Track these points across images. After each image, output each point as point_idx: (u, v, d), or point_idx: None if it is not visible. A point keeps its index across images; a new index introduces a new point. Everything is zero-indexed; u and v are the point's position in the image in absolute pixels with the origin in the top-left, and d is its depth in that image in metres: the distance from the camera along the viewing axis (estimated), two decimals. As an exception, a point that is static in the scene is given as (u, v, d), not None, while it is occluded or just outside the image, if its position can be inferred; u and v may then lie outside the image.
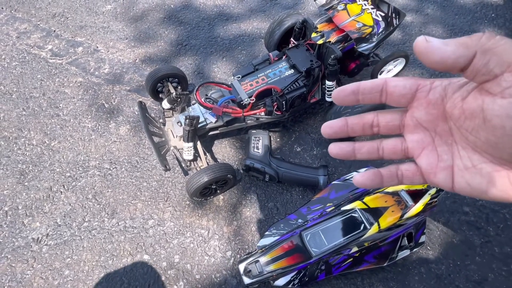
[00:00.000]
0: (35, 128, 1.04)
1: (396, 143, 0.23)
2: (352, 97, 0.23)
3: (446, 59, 0.17)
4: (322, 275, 0.71)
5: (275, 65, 0.93)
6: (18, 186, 0.93)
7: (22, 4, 1.41)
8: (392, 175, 0.24)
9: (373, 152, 0.24)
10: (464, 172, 0.20)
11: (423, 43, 0.18)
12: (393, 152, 0.24)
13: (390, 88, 0.21)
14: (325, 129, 0.24)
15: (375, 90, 0.22)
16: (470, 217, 0.85)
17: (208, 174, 0.78)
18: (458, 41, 0.17)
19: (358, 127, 0.24)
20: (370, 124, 0.24)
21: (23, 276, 0.79)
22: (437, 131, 0.21)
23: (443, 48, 0.18)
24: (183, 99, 0.91)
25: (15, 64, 1.21)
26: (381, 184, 0.24)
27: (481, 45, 0.17)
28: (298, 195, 0.90)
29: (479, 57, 0.17)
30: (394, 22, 0.86)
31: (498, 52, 0.16)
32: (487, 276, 0.77)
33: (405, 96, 0.21)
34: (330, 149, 0.25)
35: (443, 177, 0.21)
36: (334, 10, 0.90)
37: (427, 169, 0.22)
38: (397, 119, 0.23)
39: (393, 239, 0.71)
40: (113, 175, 0.95)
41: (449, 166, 0.21)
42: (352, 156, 0.24)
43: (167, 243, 0.83)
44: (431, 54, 0.18)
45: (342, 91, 0.23)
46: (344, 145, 0.24)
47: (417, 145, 0.22)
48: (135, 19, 1.36)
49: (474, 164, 0.19)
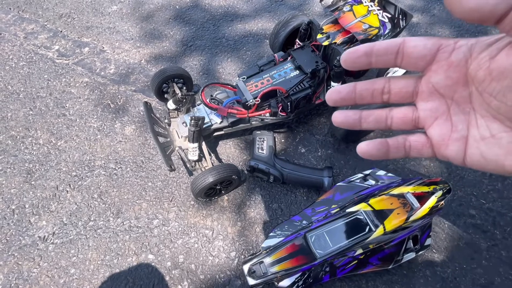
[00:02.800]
0: (41, 128, 1.05)
1: (406, 112, 0.22)
2: (364, 59, 0.21)
3: (483, 5, 0.15)
4: (326, 277, 0.70)
5: (280, 66, 0.93)
6: (25, 185, 0.94)
7: (29, 4, 1.43)
8: (399, 146, 0.22)
9: (381, 121, 0.22)
10: (480, 143, 0.18)
11: None
12: (403, 122, 0.22)
13: (409, 49, 0.19)
14: (332, 94, 0.22)
15: (390, 51, 0.20)
16: (476, 220, 0.85)
17: (213, 174, 0.78)
18: None
19: (367, 93, 0.22)
20: (381, 90, 0.22)
21: (30, 274, 0.80)
22: (454, 98, 0.20)
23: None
24: (188, 99, 0.91)
25: (23, 64, 1.22)
26: (387, 155, 0.22)
27: None
28: (302, 197, 0.90)
29: None
30: (401, 24, 0.86)
31: None
32: (493, 280, 0.77)
33: (424, 57, 0.19)
34: (335, 117, 0.23)
35: (455, 149, 0.20)
36: (340, 11, 0.90)
37: (439, 140, 0.20)
38: (410, 85, 0.21)
39: (398, 242, 0.70)
40: (119, 174, 0.95)
41: (463, 136, 0.19)
42: (358, 125, 0.23)
43: (171, 243, 0.84)
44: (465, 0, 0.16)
45: (354, 52, 0.21)
46: (350, 113, 0.23)
47: (430, 114, 0.21)
48: (141, 19, 1.37)
49: (492, 134, 0.18)
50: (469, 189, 0.90)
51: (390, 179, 0.80)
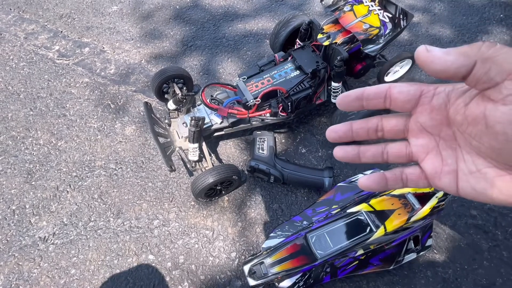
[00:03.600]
0: (42, 128, 1.05)
1: (400, 147, 0.23)
2: (356, 103, 0.23)
3: (447, 68, 0.18)
4: (327, 278, 0.70)
5: (281, 66, 0.93)
6: (26, 185, 0.94)
7: (29, 5, 1.43)
8: (397, 179, 0.24)
9: (378, 156, 0.24)
10: (468, 176, 0.20)
11: (424, 52, 0.18)
12: (398, 156, 0.24)
13: (394, 94, 0.22)
14: (330, 133, 0.25)
15: (379, 96, 0.22)
16: (477, 220, 0.84)
17: (213, 175, 0.78)
18: (458, 50, 0.18)
19: (362, 131, 0.24)
20: (375, 128, 0.24)
21: (30, 274, 0.80)
22: (441, 136, 0.21)
23: (444, 57, 0.18)
24: (188, 100, 0.91)
25: (23, 64, 1.22)
26: (386, 187, 0.24)
27: (481, 54, 0.17)
28: (303, 197, 0.90)
29: (480, 66, 0.17)
30: (402, 23, 0.85)
31: (498, 61, 0.16)
32: (495, 280, 0.76)
33: (409, 101, 0.21)
34: (335, 153, 0.25)
35: (448, 181, 0.21)
36: (340, 11, 0.89)
37: (432, 173, 0.22)
38: (401, 124, 0.23)
39: (399, 242, 0.70)
40: (119, 175, 0.95)
41: (454, 170, 0.21)
42: (357, 159, 0.25)
43: (172, 244, 0.84)
44: (433, 63, 0.18)
45: (346, 96, 0.23)
46: (349, 149, 0.25)
47: (421, 149, 0.22)
48: (141, 20, 1.37)
49: (478, 169, 0.19)
50: (470, 190, 0.89)
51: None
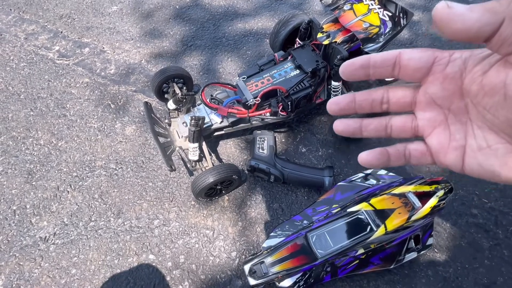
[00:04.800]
0: (42, 128, 1.05)
1: (406, 121, 0.22)
2: (362, 72, 0.21)
3: (470, 27, 0.16)
4: (327, 277, 0.70)
5: (281, 65, 0.93)
6: (26, 185, 0.94)
7: (30, 5, 1.43)
8: (399, 154, 0.23)
9: (381, 129, 0.23)
10: (477, 153, 0.19)
11: (444, 9, 0.16)
12: (402, 130, 0.22)
13: (404, 61, 0.20)
14: (331, 105, 0.23)
15: (387, 64, 0.20)
16: (478, 219, 0.84)
17: (214, 174, 0.78)
18: (484, 6, 0.15)
19: (366, 103, 0.23)
20: (380, 100, 0.22)
21: (31, 274, 0.80)
22: (451, 109, 0.20)
23: (467, 14, 0.16)
24: (188, 99, 0.91)
25: (23, 65, 1.22)
26: (387, 163, 0.23)
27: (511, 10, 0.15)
28: (303, 196, 0.90)
29: (508, 24, 0.15)
30: (402, 22, 0.85)
31: None
32: (496, 279, 0.76)
33: (420, 70, 0.20)
34: (335, 126, 0.24)
35: (454, 158, 0.20)
36: (340, 10, 0.89)
37: (437, 149, 0.21)
38: (408, 95, 0.22)
39: (400, 241, 0.70)
40: (119, 175, 0.95)
41: (461, 146, 0.20)
42: (359, 133, 0.23)
43: (172, 243, 0.84)
44: (453, 21, 0.16)
45: (351, 65, 0.21)
46: (350, 122, 0.23)
47: (428, 123, 0.21)
48: (141, 20, 1.37)
49: (489, 145, 0.18)
50: (471, 188, 0.89)
51: (391, 178, 0.80)
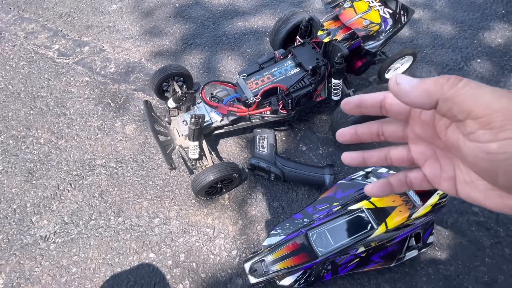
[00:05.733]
0: (42, 127, 1.05)
1: (402, 153, 0.24)
2: (357, 110, 0.24)
3: (413, 102, 0.19)
4: (328, 275, 0.70)
5: (281, 63, 0.93)
6: (26, 184, 0.94)
7: (29, 4, 1.43)
8: (401, 183, 0.25)
9: (382, 160, 0.25)
10: (464, 185, 0.21)
11: (393, 85, 0.19)
12: (401, 161, 0.25)
13: (387, 106, 0.22)
14: (338, 137, 0.26)
15: (375, 105, 0.23)
16: (479, 217, 0.84)
17: (214, 173, 0.78)
18: (423, 86, 0.18)
19: (366, 135, 0.25)
20: (376, 133, 0.25)
21: (31, 273, 0.80)
22: (436, 145, 0.22)
23: (410, 93, 0.19)
24: (188, 98, 0.91)
25: (23, 64, 1.22)
26: (392, 192, 0.25)
27: (442, 94, 0.17)
28: (303, 195, 0.90)
29: (442, 104, 0.18)
30: (402, 19, 0.85)
31: (458, 102, 0.17)
32: (497, 277, 0.76)
33: (401, 113, 0.22)
34: (343, 159, 0.27)
35: (448, 186, 0.22)
36: (340, 8, 0.89)
37: (431, 178, 0.23)
38: (399, 130, 0.24)
39: (400, 239, 0.70)
40: (119, 173, 0.95)
41: (452, 177, 0.21)
42: (363, 164, 0.26)
43: (172, 242, 0.84)
44: (401, 96, 0.19)
45: (347, 104, 0.24)
46: (354, 155, 0.26)
47: (420, 156, 0.23)
48: (140, 18, 1.37)
49: (472, 180, 0.20)
50: (472, 186, 0.89)
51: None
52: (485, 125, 0.16)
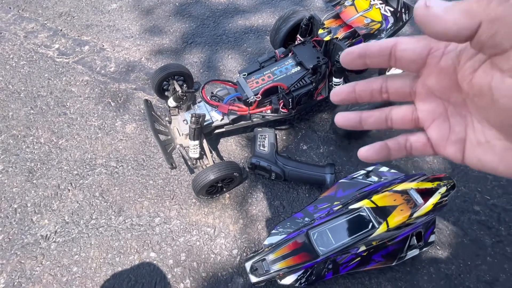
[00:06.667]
0: (43, 127, 1.05)
1: (406, 112, 0.22)
2: (360, 61, 0.21)
3: (447, 29, 0.15)
4: (329, 274, 0.70)
5: (281, 62, 0.92)
6: (27, 184, 0.94)
7: (29, 3, 1.42)
8: (400, 147, 0.22)
9: (381, 122, 0.23)
10: (476, 147, 0.18)
11: (422, 9, 0.15)
12: (403, 122, 0.22)
13: (399, 52, 0.19)
14: (333, 96, 0.23)
15: (383, 53, 0.20)
16: (481, 216, 0.84)
17: (214, 172, 0.78)
18: (462, 7, 0.15)
19: (366, 93, 0.22)
20: (379, 89, 0.22)
21: (32, 272, 0.80)
22: (450, 101, 0.19)
23: (444, 16, 0.15)
24: (188, 97, 0.91)
25: (23, 63, 1.22)
26: (388, 157, 0.23)
27: (488, 13, 0.14)
28: (304, 194, 0.90)
29: (485, 27, 0.14)
30: (404, 17, 0.84)
31: (508, 22, 0.13)
32: (498, 276, 0.76)
33: (415, 61, 0.19)
34: (336, 119, 0.24)
35: (454, 151, 0.20)
36: (341, 6, 0.88)
37: (437, 141, 0.20)
38: (407, 86, 0.21)
39: (402, 238, 0.70)
40: (120, 173, 0.95)
41: (461, 139, 0.19)
42: (359, 126, 0.23)
43: (173, 241, 0.84)
44: (431, 23, 0.15)
45: (350, 53, 0.21)
46: (351, 115, 0.23)
47: (428, 115, 0.21)
48: (140, 17, 1.36)
49: (487, 140, 0.17)
50: (473, 185, 0.89)
51: (393, 175, 0.80)
52: None
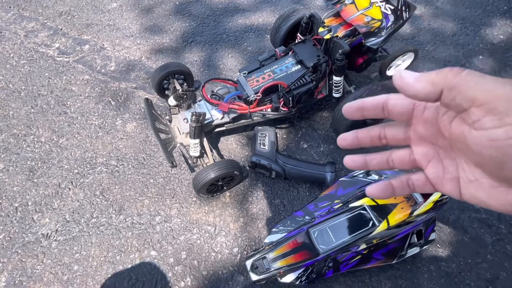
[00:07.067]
0: (43, 126, 1.05)
1: (404, 155, 0.24)
2: (358, 113, 0.24)
3: (418, 94, 0.19)
4: (329, 272, 0.70)
5: (282, 60, 0.92)
6: (28, 182, 0.94)
7: (29, 3, 1.42)
8: (403, 186, 0.24)
9: (384, 163, 0.25)
10: (468, 184, 0.20)
11: (397, 79, 0.20)
12: (402, 163, 0.24)
13: (390, 107, 0.22)
14: (340, 141, 0.26)
15: (377, 108, 0.23)
16: (481, 214, 0.84)
17: (215, 170, 0.78)
18: (427, 78, 0.18)
19: (367, 140, 0.25)
20: (378, 136, 0.25)
21: (34, 271, 0.80)
22: (440, 145, 0.22)
23: (414, 85, 0.19)
24: (189, 95, 0.91)
25: (23, 62, 1.22)
26: (393, 194, 0.25)
27: (447, 83, 0.18)
28: (305, 192, 0.90)
29: (446, 93, 0.18)
30: (404, 16, 0.84)
31: (462, 89, 0.17)
32: (499, 274, 0.76)
33: (403, 113, 0.22)
34: (345, 162, 0.26)
35: (451, 188, 0.22)
36: (341, 4, 0.88)
37: (435, 180, 0.22)
38: (401, 133, 0.24)
39: (402, 237, 0.70)
40: (120, 172, 0.95)
41: (455, 177, 0.21)
42: (365, 167, 0.26)
43: (174, 239, 0.84)
44: (405, 89, 0.19)
45: (349, 107, 0.24)
46: (356, 158, 0.26)
47: (423, 157, 0.23)
48: (141, 16, 1.36)
49: (476, 178, 0.20)
50: (473, 183, 0.88)
51: (393, 173, 0.79)
52: (490, 111, 0.16)
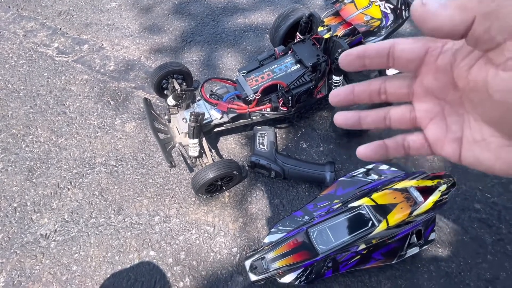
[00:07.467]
0: (42, 126, 1.05)
1: (404, 112, 0.22)
2: (358, 62, 0.21)
3: (443, 25, 0.15)
4: (329, 272, 0.70)
5: (281, 60, 0.92)
6: (26, 183, 0.94)
7: (28, 2, 1.42)
8: (398, 146, 0.22)
9: (380, 121, 0.23)
10: (472, 145, 0.19)
11: (418, 7, 0.16)
12: (401, 122, 0.22)
13: (397, 53, 0.20)
14: (332, 97, 0.24)
15: (381, 54, 0.20)
16: (481, 214, 0.83)
17: (214, 170, 0.77)
18: (456, 3, 0.15)
19: (364, 94, 0.23)
20: (377, 90, 0.22)
21: (32, 271, 0.80)
22: (447, 100, 0.20)
23: (439, 12, 0.15)
24: (188, 95, 0.90)
25: (22, 62, 1.22)
26: (386, 156, 0.23)
27: (482, 8, 0.14)
28: (304, 192, 0.89)
29: (479, 22, 0.14)
30: (404, 15, 0.84)
31: (501, 16, 0.14)
32: (499, 274, 0.76)
33: (413, 61, 0.19)
34: (336, 119, 0.24)
35: (451, 150, 0.20)
36: (341, 3, 0.88)
37: (434, 141, 0.21)
38: (405, 86, 0.21)
39: (402, 237, 0.69)
40: (119, 172, 0.95)
41: (458, 138, 0.19)
42: (358, 125, 0.23)
43: (173, 240, 0.84)
44: (427, 20, 0.16)
45: (348, 55, 0.21)
46: (349, 114, 0.24)
47: (425, 115, 0.21)
48: (140, 16, 1.36)
49: (484, 138, 0.18)
50: (474, 183, 0.88)
51: (393, 173, 0.79)
52: None
